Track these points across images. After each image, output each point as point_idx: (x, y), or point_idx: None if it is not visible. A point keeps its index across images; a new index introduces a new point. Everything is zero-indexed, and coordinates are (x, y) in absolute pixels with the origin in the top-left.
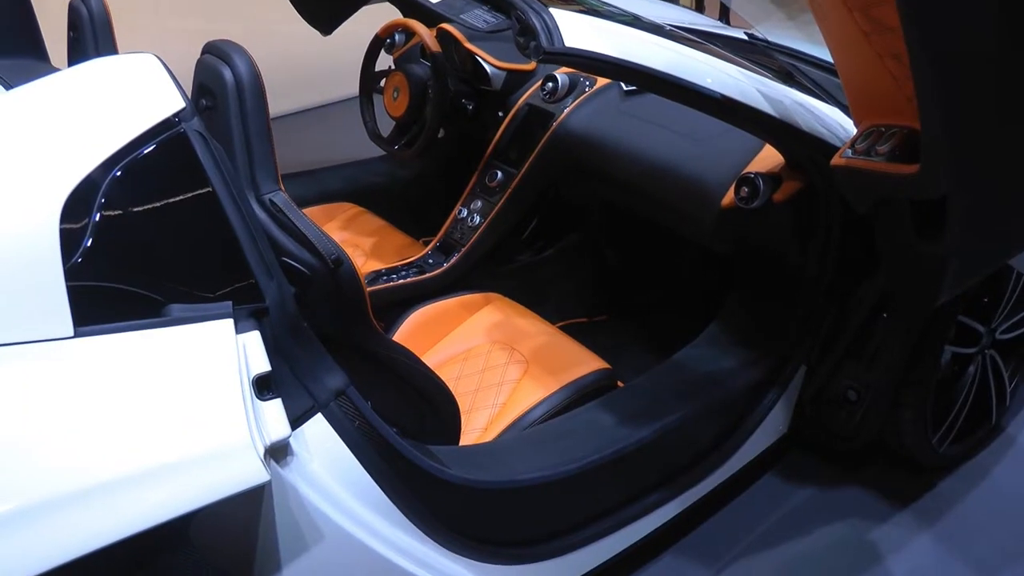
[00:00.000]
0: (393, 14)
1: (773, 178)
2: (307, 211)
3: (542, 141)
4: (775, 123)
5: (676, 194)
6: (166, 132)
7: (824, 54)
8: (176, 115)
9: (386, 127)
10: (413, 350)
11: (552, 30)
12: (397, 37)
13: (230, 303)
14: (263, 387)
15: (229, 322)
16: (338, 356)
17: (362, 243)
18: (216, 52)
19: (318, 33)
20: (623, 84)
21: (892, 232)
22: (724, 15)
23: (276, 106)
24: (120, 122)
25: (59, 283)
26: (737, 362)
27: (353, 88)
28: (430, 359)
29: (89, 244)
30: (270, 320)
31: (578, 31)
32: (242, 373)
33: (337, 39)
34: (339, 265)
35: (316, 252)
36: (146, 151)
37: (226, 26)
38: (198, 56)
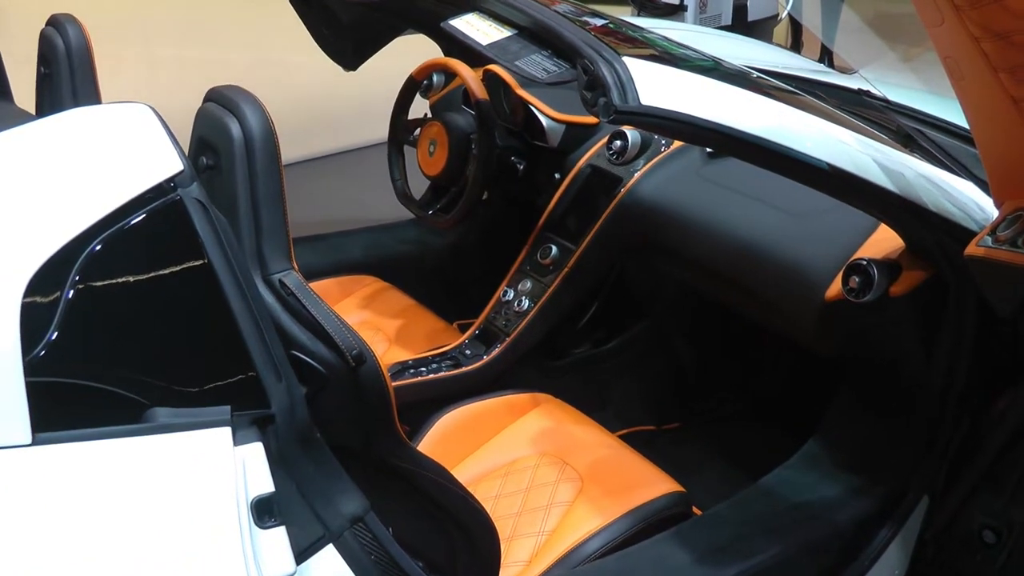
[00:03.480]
0: (432, 52)
1: (890, 266)
2: (319, 285)
3: (607, 211)
4: (894, 199)
5: (769, 281)
6: (159, 199)
7: (955, 116)
8: (171, 179)
9: (418, 186)
10: (444, 460)
11: (626, 84)
12: (436, 79)
13: (228, 408)
14: (264, 512)
15: (226, 431)
16: (355, 472)
17: (385, 326)
18: (221, 100)
19: (340, 68)
20: None
21: None
22: (826, 56)
23: (285, 153)
24: (103, 187)
25: (16, 378)
26: (841, 490)
27: (379, 133)
28: (464, 473)
29: (57, 333)
30: (276, 429)
31: (657, 85)
32: (239, 495)
33: (363, 76)
34: (361, 363)
35: (334, 346)
36: (133, 222)
37: (230, 56)
38: (193, 89)
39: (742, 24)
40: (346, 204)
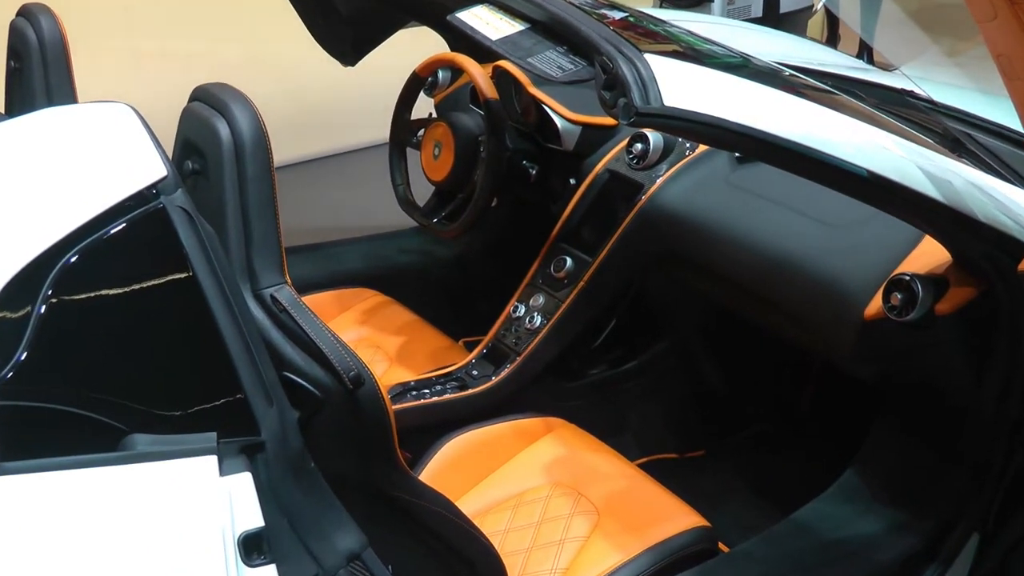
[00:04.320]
0: (437, 46)
1: (936, 282)
2: (314, 299)
3: (626, 220)
4: (941, 209)
5: (802, 298)
6: (140, 208)
7: (1008, 118)
8: (154, 186)
9: (422, 192)
10: (448, 490)
11: (647, 83)
12: (441, 76)
13: (214, 435)
14: (253, 549)
15: (211, 460)
16: (352, 504)
17: (385, 344)
18: (209, 100)
19: (338, 64)
20: None
21: None
22: (865, 52)
23: (278, 154)
24: (79, 194)
25: None
26: (882, 526)
27: (380, 134)
28: (470, 505)
29: (27, 353)
30: (266, 458)
31: (681, 84)
32: (225, 530)
33: (363, 72)
34: (359, 385)
35: (329, 367)
36: (112, 232)
37: (219, 49)
38: (178, 87)
39: (774, 16)
40: (343, 211)
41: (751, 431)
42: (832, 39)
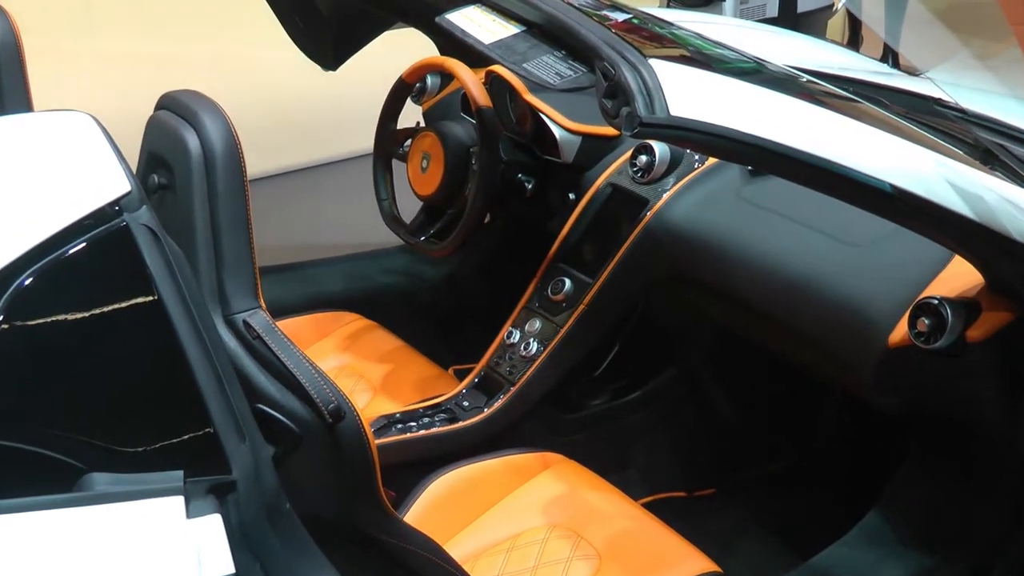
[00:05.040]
0: (426, 50)
1: (967, 306)
2: (290, 323)
3: (630, 238)
4: (972, 227)
5: (820, 322)
6: (101, 226)
7: None
8: (116, 202)
9: (409, 207)
10: (436, 533)
11: (653, 91)
12: (430, 82)
13: (180, 473)
14: None
15: (178, 501)
16: (331, 548)
17: (367, 373)
18: (176, 108)
19: (318, 68)
20: None
21: None
22: (890, 55)
23: (253, 166)
24: (35, 211)
25: None
26: (910, 571)
27: (363, 144)
28: (460, 548)
29: None
30: (237, 498)
31: (689, 92)
32: None
33: (344, 77)
34: (339, 419)
35: (307, 399)
36: (70, 252)
37: (189, 51)
38: (143, 94)
39: (790, 16)
40: (323, 227)
41: (765, 468)
42: (854, 41)
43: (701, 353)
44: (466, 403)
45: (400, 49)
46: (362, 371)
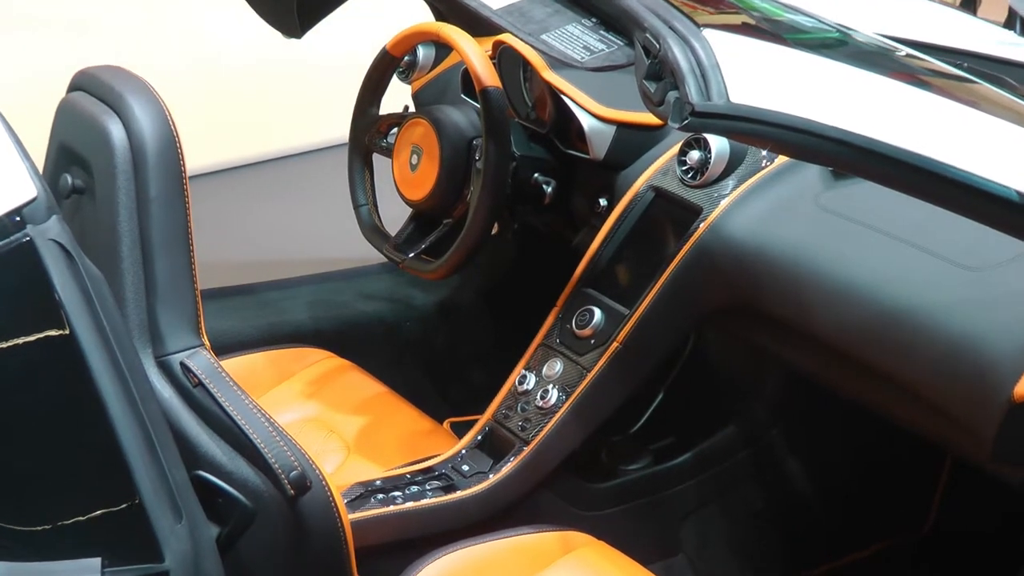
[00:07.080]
0: (419, 15)
1: None
2: (242, 362)
3: (678, 256)
4: None
5: (926, 368)
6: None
7: None
8: (17, 211)
9: (394, 214)
10: None
11: (708, 71)
12: (422, 55)
13: (98, 562)
14: None
15: None
16: None
17: (340, 427)
18: (96, 90)
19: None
20: None
21: None
22: (1017, 21)
23: (194, 160)
24: None
25: None
26: None
27: (336, 132)
28: None
29: None
30: None
31: (754, 72)
32: None
33: (312, 47)
34: (303, 490)
35: (263, 465)
36: None
37: (112, 12)
38: (53, 71)
39: None
40: (285, 239)
41: (853, 556)
42: (969, 2)
43: (767, 406)
44: (466, 467)
45: (385, 10)
46: (333, 425)
